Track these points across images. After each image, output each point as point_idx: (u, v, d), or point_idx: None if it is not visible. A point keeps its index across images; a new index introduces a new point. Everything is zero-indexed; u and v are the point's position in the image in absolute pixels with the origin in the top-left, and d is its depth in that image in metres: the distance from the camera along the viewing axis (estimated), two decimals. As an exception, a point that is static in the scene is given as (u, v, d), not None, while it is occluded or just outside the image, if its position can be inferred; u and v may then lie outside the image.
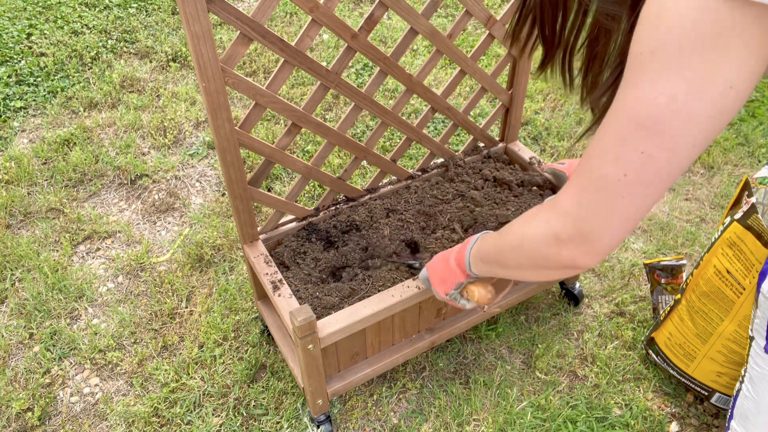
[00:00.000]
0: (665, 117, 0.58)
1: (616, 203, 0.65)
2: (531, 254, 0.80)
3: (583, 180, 0.68)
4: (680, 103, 0.56)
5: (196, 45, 1.11)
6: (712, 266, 1.46)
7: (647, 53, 0.57)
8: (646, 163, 0.61)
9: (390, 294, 1.40)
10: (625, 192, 0.63)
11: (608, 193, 0.65)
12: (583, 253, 0.72)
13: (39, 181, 2.42)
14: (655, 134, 0.59)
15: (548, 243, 0.75)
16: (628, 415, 1.66)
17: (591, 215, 0.68)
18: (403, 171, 1.76)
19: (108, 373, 1.78)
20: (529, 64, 1.74)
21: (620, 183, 0.63)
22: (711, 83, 0.55)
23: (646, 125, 0.59)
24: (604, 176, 0.64)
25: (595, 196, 0.66)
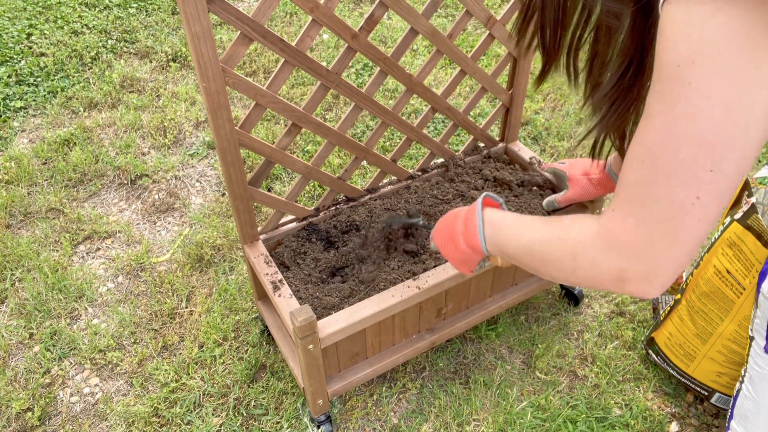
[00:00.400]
0: (725, 129, 0.55)
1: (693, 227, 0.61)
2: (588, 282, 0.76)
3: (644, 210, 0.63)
4: (735, 111, 0.55)
5: (196, 45, 1.11)
6: (712, 266, 1.46)
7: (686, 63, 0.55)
8: (719, 180, 0.58)
9: (390, 294, 1.40)
10: (702, 213, 0.60)
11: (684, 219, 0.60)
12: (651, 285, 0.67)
13: (39, 181, 2.42)
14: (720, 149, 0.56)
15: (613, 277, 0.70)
16: (628, 415, 1.66)
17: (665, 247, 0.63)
18: (403, 171, 1.76)
19: (108, 373, 1.78)
20: (530, 64, 1.74)
21: (695, 206, 0.59)
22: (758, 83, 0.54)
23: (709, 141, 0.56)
24: (674, 203, 0.60)
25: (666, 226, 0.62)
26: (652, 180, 0.61)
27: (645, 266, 0.65)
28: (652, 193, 0.61)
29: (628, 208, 0.65)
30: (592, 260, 0.72)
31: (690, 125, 0.56)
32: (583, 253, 0.74)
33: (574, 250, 0.76)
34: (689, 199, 0.59)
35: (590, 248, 0.72)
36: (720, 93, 0.54)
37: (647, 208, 0.62)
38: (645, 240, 0.64)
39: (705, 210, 0.59)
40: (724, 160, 0.57)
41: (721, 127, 0.55)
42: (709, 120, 0.55)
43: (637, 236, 0.64)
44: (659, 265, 0.64)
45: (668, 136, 0.58)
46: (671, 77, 0.57)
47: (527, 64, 1.74)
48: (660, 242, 0.63)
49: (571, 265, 0.77)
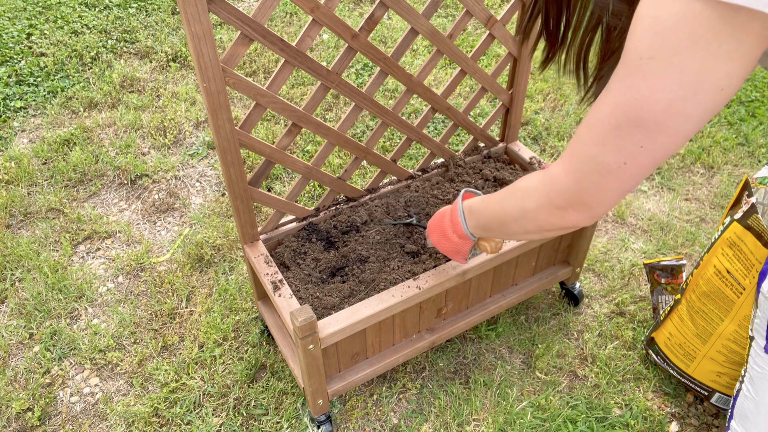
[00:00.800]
0: (663, 119, 0.64)
1: (616, 182, 0.73)
2: (536, 222, 0.90)
3: (580, 163, 0.75)
4: (677, 107, 0.62)
5: (196, 45, 1.11)
6: (712, 266, 1.46)
7: (646, 58, 0.61)
8: (645, 154, 0.68)
9: (390, 294, 1.40)
10: (625, 175, 0.72)
11: (609, 175, 0.72)
12: (584, 216, 0.81)
13: (39, 181, 2.42)
14: (654, 132, 0.65)
15: (552, 212, 0.84)
16: (628, 415, 1.66)
17: (592, 192, 0.76)
18: (403, 171, 1.76)
19: (108, 373, 1.78)
20: (530, 64, 1.74)
21: (620, 169, 0.71)
22: (704, 87, 0.60)
23: (646, 124, 0.65)
24: (604, 163, 0.72)
25: (596, 178, 0.74)
26: (593, 141, 0.72)
27: (578, 201, 0.79)
28: (589, 151, 0.73)
29: (569, 158, 0.77)
30: (536, 199, 0.86)
31: (634, 110, 0.65)
32: (528, 199, 0.89)
33: (522, 198, 0.91)
34: (617, 163, 0.70)
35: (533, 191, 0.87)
36: (667, 89, 0.62)
37: (583, 162, 0.75)
38: (578, 184, 0.77)
39: (628, 172, 0.71)
40: (655, 143, 0.66)
41: (661, 117, 0.64)
42: (651, 110, 0.64)
43: (571, 181, 0.78)
44: (586, 202, 0.78)
45: (615, 110, 0.67)
46: (631, 65, 0.64)
47: (527, 64, 1.74)
48: (588, 189, 0.76)
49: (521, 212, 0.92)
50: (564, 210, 0.82)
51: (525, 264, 1.70)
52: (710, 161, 2.59)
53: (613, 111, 0.68)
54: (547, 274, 1.80)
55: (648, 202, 2.39)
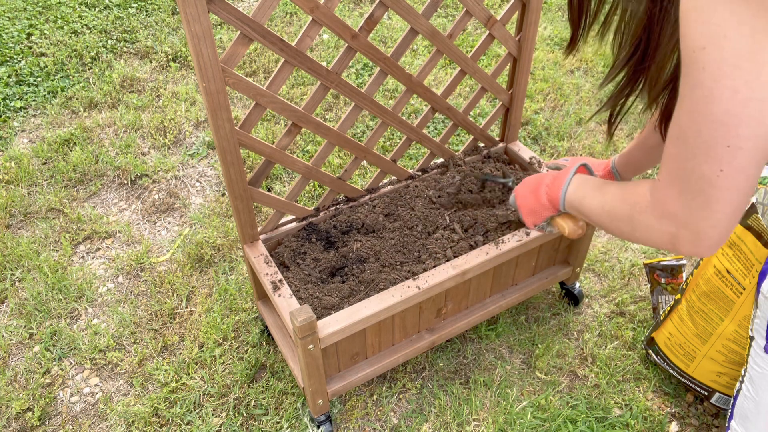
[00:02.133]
0: (736, 109, 0.62)
1: (723, 197, 0.69)
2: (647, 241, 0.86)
3: (681, 182, 0.72)
4: (744, 93, 0.60)
5: (196, 45, 1.11)
6: (712, 266, 1.46)
7: (699, 50, 0.61)
8: (737, 154, 0.65)
9: (390, 294, 1.40)
10: (727, 184, 0.67)
11: (712, 191, 0.69)
12: (700, 248, 0.76)
13: (39, 181, 2.42)
14: (733, 127, 0.63)
15: (666, 239, 0.80)
16: (628, 415, 1.66)
17: (703, 215, 0.71)
18: (403, 171, 1.76)
19: (108, 373, 1.78)
20: (530, 64, 1.74)
21: (720, 178, 0.67)
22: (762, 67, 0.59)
23: (722, 120, 0.63)
24: (702, 176, 0.68)
25: (702, 197, 0.70)
26: (683, 156, 0.69)
27: (691, 232, 0.74)
28: (684, 168, 0.70)
29: (669, 180, 0.74)
30: (647, 225, 0.83)
31: (706, 107, 0.63)
32: (639, 218, 0.85)
33: (631, 214, 0.87)
34: (714, 172, 0.67)
35: (645, 216, 0.83)
36: (728, 76, 0.60)
37: (683, 182, 0.71)
38: (686, 209, 0.73)
39: (729, 181, 0.67)
40: (739, 137, 0.63)
41: (731, 107, 0.61)
42: (720, 101, 0.62)
43: (679, 206, 0.74)
44: (702, 230, 0.73)
45: (691, 117, 0.66)
46: (689, 62, 0.63)
47: (527, 64, 1.74)
48: (698, 211, 0.71)
49: (630, 227, 0.88)
50: (678, 242, 0.77)
51: (525, 264, 1.70)
52: (710, 161, 2.58)
53: (689, 116, 0.66)
54: (547, 274, 1.80)
55: (648, 202, 2.39)
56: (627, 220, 0.89)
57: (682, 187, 0.72)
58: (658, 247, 0.85)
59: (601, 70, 3.12)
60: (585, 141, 2.66)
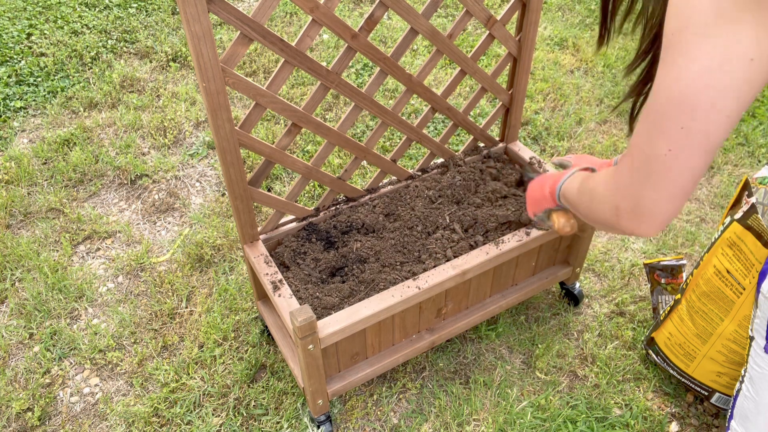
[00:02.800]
0: (696, 92, 0.63)
1: (665, 177, 0.70)
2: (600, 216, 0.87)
3: (633, 156, 0.74)
4: (707, 78, 0.62)
5: (196, 45, 1.11)
6: (712, 266, 1.46)
7: (677, 31, 0.63)
8: (687, 137, 0.66)
9: (390, 294, 1.40)
10: (672, 166, 0.69)
11: (656, 168, 0.70)
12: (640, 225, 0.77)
13: (39, 181, 2.42)
14: (690, 110, 0.64)
15: (611, 212, 0.81)
16: (628, 415, 1.66)
17: (644, 190, 0.73)
18: (403, 171, 1.76)
19: (108, 373, 1.78)
20: (530, 64, 1.74)
21: (666, 157, 0.69)
22: (733, 56, 0.61)
23: (681, 101, 0.65)
24: (651, 152, 0.70)
25: (645, 172, 0.72)
26: (642, 130, 0.71)
27: (631, 204, 0.76)
28: (641, 143, 0.72)
29: (627, 154, 0.76)
30: (601, 196, 0.85)
31: (671, 86, 0.65)
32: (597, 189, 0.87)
33: (594, 187, 0.89)
34: (662, 150, 0.68)
35: (602, 186, 0.85)
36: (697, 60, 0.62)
37: (636, 156, 0.73)
38: (631, 181, 0.75)
39: (675, 161, 0.68)
40: (693, 120, 0.65)
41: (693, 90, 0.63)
42: (684, 83, 0.64)
43: (627, 177, 0.75)
44: (641, 204, 0.74)
45: (658, 95, 0.67)
46: (669, 43, 0.65)
47: (527, 64, 1.74)
48: (641, 184, 0.73)
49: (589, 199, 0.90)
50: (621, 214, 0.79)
51: (525, 264, 1.70)
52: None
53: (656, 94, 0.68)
54: (547, 274, 1.80)
55: (648, 202, 2.39)
56: (589, 193, 0.91)
57: (634, 160, 0.74)
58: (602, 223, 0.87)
59: (601, 70, 3.12)
60: (585, 141, 2.66)
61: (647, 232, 0.78)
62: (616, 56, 3.19)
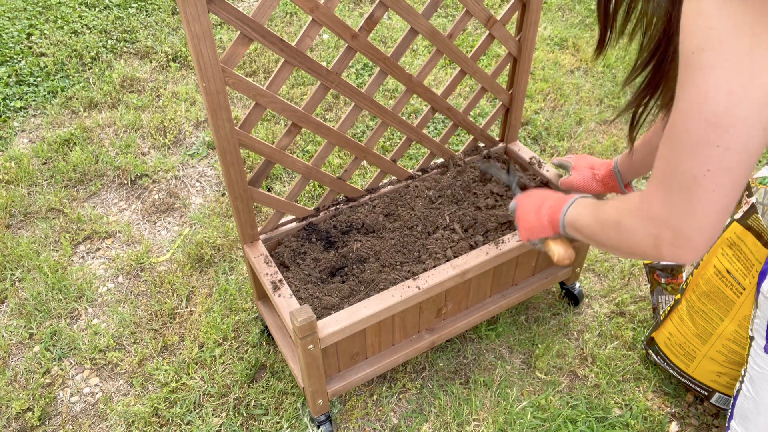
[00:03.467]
0: (728, 110, 0.62)
1: (707, 198, 0.68)
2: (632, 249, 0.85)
3: (667, 182, 0.72)
4: (738, 95, 0.61)
5: (196, 45, 1.11)
6: (712, 266, 1.46)
7: (697, 52, 0.62)
8: (725, 155, 0.65)
9: (390, 294, 1.40)
10: (713, 185, 0.67)
11: (697, 190, 0.68)
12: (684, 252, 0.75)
13: (39, 181, 2.42)
14: (724, 128, 0.63)
15: (649, 242, 0.79)
16: (628, 415, 1.66)
17: (686, 215, 0.71)
18: (403, 171, 1.76)
19: (108, 373, 1.78)
20: (530, 64, 1.74)
21: (706, 178, 0.67)
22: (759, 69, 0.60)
23: (714, 121, 0.64)
24: (688, 175, 0.68)
25: (686, 196, 0.70)
26: (673, 155, 0.69)
27: (672, 232, 0.74)
28: (672, 167, 0.70)
29: (657, 181, 0.74)
30: (632, 229, 0.82)
31: (699, 106, 0.64)
32: (625, 223, 0.84)
33: (618, 220, 0.87)
34: (700, 171, 0.67)
35: (630, 218, 0.83)
36: (724, 78, 0.61)
37: (669, 181, 0.71)
38: (669, 209, 0.72)
39: (715, 181, 0.67)
40: (729, 137, 0.64)
41: (725, 108, 0.62)
42: (715, 102, 0.63)
43: (664, 206, 0.73)
44: (684, 231, 0.72)
45: (684, 116, 0.66)
46: (687, 64, 0.64)
47: (527, 64, 1.74)
48: (681, 211, 0.71)
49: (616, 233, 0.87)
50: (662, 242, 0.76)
51: (525, 264, 1.70)
52: (710, 161, 2.58)
53: (682, 116, 0.67)
54: (547, 274, 1.80)
55: (648, 202, 2.39)
56: (614, 226, 0.88)
57: (668, 187, 0.72)
58: (642, 255, 0.83)
59: (601, 71, 3.12)
60: (585, 141, 2.66)
61: (692, 258, 0.76)
62: (616, 56, 3.19)
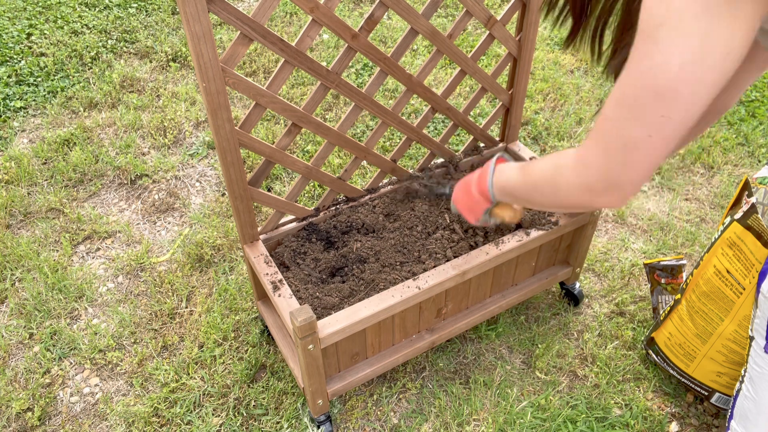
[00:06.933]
0: (678, 84, 0.67)
1: (644, 159, 0.76)
2: (565, 200, 0.92)
3: (608, 139, 0.78)
4: (688, 71, 0.66)
5: (196, 45, 1.11)
6: (712, 266, 1.46)
7: (656, 26, 0.66)
8: (667, 124, 0.71)
9: (390, 294, 1.40)
10: (651, 148, 0.74)
11: (636, 150, 0.75)
12: (616, 198, 0.83)
13: (39, 181, 2.42)
14: (671, 100, 0.69)
15: (583, 193, 0.86)
16: (628, 415, 1.66)
17: (621, 169, 0.78)
18: (403, 171, 1.76)
19: (108, 373, 1.78)
20: (530, 64, 1.74)
21: (646, 141, 0.74)
22: (711, 50, 0.65)
23: (663, 92, 0.69)
24: (631, 137, 0.74)
25: (624, 154, 0.76)
26: (618, 117, 0.75)
27: (606, 183, 0.81)
28: (616, 128, 0.76)
29: (597, 137, 0.80)
30: (567, 181, 0.89)
31: (650, 78, 0.69)
32: (560, 177, 0.91)
33: (553, 175, 0.93)
34: (642, 136, 0.73)
35: (566, 172, 0.89)
36: (677, 53, 0.66)
37: (610, 141, 0.77)
38: (608, 162, 0.79)
39: (654, 145, 0.74)
40: (673, 109, 0.69)
41: (675, 82, 0.67)
42: (666, 75, 0.67)
43: (601, 159, 0.80)
44: (618, 183, 0.80)
45: (634, 84, 0.71)
46: (644, 36, 0.68)
47: (527, 64, 1.74)
48: (617, 166, 0.78)
49: (552, 188, 0.94)
50: (595, 191, 0.83)
51: (525, 264, 1.71)
52: (710, 161, 2.59)
53: (632, 83, 0.71)
54: (547, 274, 1.80)
55: (648, 202, 2.39)
56: (550, 182, 0.95)
57: (607, 145, 0.78)
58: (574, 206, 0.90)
59: (601, 71, 3.12)
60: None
61: (620, 203, 0.84)
62: (616, 56, 3.18)
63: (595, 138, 0.80)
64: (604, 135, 0.78)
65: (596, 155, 0.81)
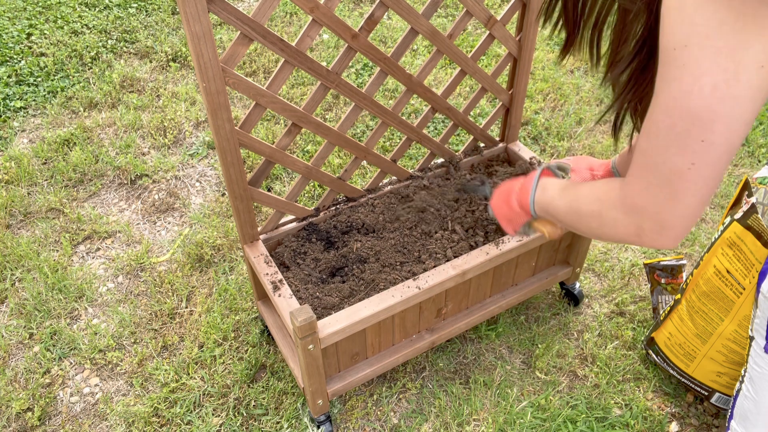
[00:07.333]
0: (713, 105, 0.64)
1: (691, 190, 0.71)
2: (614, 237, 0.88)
3: (650, 175, 0.73)
4: (723, 90, 0.62)
5: (196, 45, 1.11)
6: (712, 266, 1.46)
7: (680, 47, 0.63)
8: (709, 149, 0.67)
9: (390, 294, 1.40)
10: (697, 177, 0.69)
11: (681, 183, 0.70)
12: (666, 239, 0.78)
13: (39, 181, 2.42)
14: (709, 122, 0.65)
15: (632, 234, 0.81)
16: (628, 415, 1.66)
17: (668, 205, 0.73)
18: (403, 171, 1.76)
19: (108, 373, 1.78)
20: (530, 64, 1.74)
21: (690, 171, 0.69)
22: (743, 66, 0.61)
23: (699, 116, 0.65)
24: (673, 168, 0.70)
25: (669, 189, 0.72)
26: (655, 150, 0.71)
27: (656, 223, 0.76)
28: (655, 161, 0.72)
29: (638, 173, 0.76)
30: (614, 218, 0.84)
31: (683, 102, 0.65)
32: (606, 213, 0.86)
33: (600, 210, 0.88)
34: (685, 165, 0.69)
35: (612, 209, 0.84)
36: (708, 73, 0.62)
37: (652, 175, 0.73)
38: (654, 201, 0.74)
39: (699, 174, 0.69)
40: (713, 132, 0.65)
41: (710, 103, 0.64)
42: (699, 97, 0.64)
43: (646, 198, 0.75)
44: (667, 221, 0.75)
45: (667, 112, 0.67)
46: (669, 60, 0.65)
47: (527, 64, 1.74)
48: (665, 202, 0.73)
49: (598, 223, 0.89)
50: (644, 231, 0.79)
51: (525, 264, 1.70)
52: (710, 161, 2.58)
53: (665, 111, 0.68)
54: (547, 274, 1.80)
55: (648, 202, 2.39)
56: (596, 217, 0.90)
57: (651, 180, 0.74)
58: (623, 241, 0.87)
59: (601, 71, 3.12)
60: (585, 141, 2.66)
61: (673, 244, 0.79)
62: (616, 56, 3.18)
63: (636, 173, 0.76)
64: (644, 170, 0.74)
65: (639, 193, 0.76)
